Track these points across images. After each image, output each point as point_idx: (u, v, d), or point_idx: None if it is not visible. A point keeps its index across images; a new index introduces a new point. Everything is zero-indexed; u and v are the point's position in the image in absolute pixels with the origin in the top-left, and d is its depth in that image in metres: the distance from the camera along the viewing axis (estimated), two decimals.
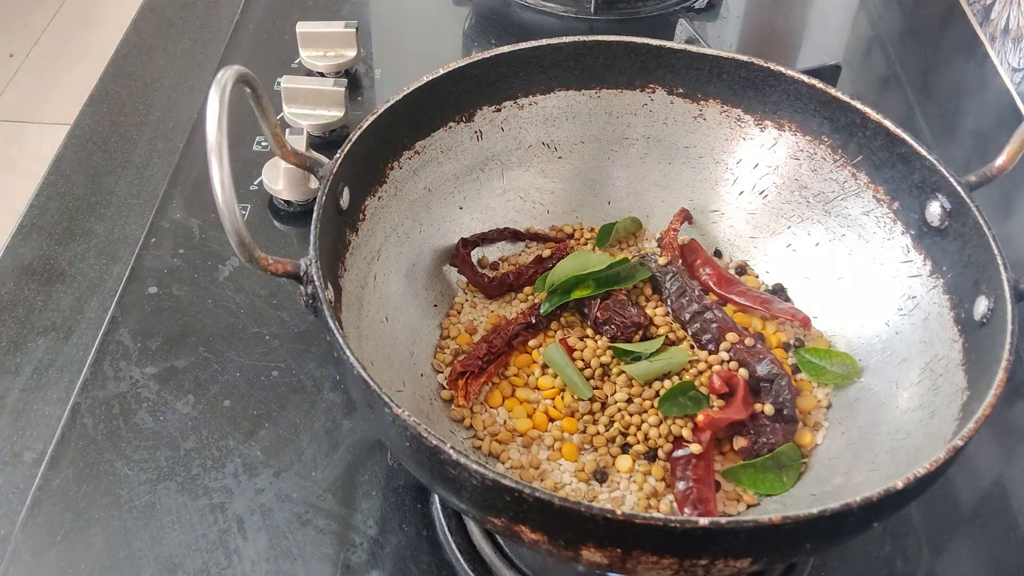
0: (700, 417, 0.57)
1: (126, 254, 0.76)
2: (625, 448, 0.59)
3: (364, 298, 0.59)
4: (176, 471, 0.62)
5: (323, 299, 0.49)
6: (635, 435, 0.59)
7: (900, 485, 0.44)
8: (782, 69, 0.64)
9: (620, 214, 0.71)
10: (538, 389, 0.62)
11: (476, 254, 0.68)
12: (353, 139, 0.57)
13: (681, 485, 0.56)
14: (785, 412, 0.59)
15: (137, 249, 0.76)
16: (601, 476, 0.58)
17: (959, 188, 0.57)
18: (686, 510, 0.55)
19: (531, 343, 0.64)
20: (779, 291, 0.67)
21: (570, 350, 0.62)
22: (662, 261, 0.66)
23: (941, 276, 0.58)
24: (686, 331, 0.64)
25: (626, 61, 0.67)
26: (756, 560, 0.45)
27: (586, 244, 0.70)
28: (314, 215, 0.52)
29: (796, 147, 0.66)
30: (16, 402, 0.66)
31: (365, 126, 0.58)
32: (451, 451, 0.44)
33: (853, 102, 0.62)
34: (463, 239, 0.67)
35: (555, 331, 0.64)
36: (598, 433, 0.59)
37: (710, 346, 0.63)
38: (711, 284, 0.67)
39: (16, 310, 0.72)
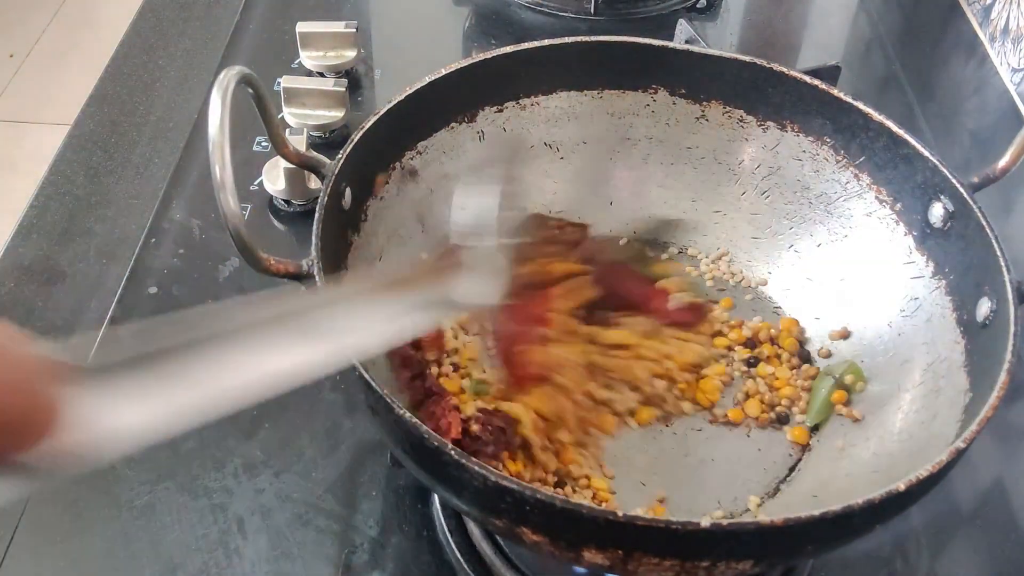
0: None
1: (126, 254, 0.76)
2: None
3: None
4: (176, 471, 0.62)
5: None
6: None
7: (902, 487, 0.44)
8: (785, 70, 0.64)
9: (622, 215, 0.70)
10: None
11: None
12: (355, 139, 0.57)
13: None
14: None
15: (137, 249, 0.76)
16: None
17: (962, 189, 0.57)
18: None
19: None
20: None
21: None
22: None
23: (943, 277, 0.58)
24: None
25: (628, 62, 0.67)
26: (758, 562, 0.45)
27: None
28: (316, 215, 0.52)
29: (798, 148, 0.66)
30: None
31: (367, 126, 0.58)
32: (452, 452, 0.44)
33: (856, 103, 0.62)
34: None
35: None
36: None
37: None
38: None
39: (16, 310, 0.72)
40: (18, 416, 0.20)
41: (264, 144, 0.84)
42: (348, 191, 0.57)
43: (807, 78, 0.64)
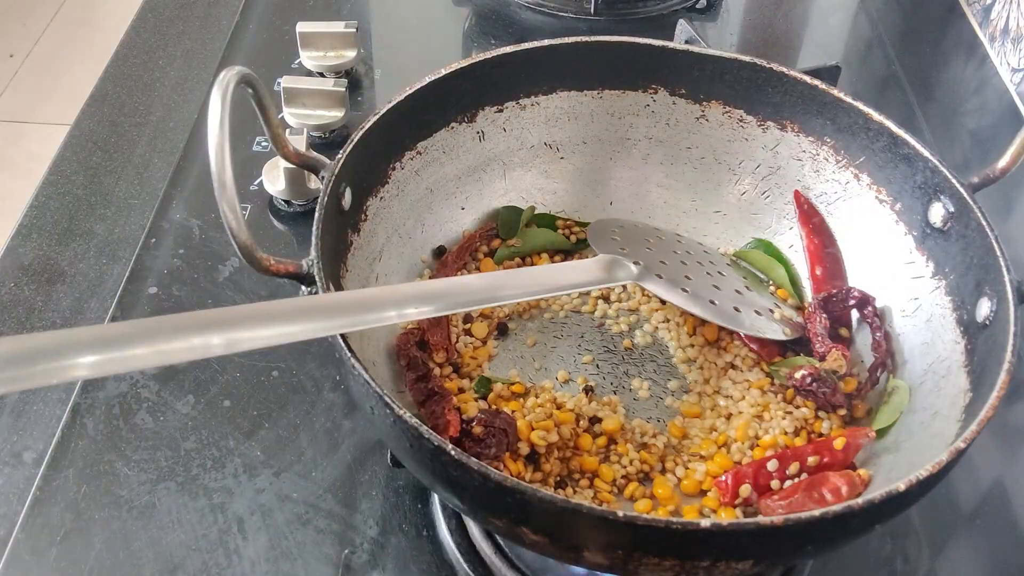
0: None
1: (126, 254, 0.76)
2: None
3: None
4: (176, 471, 0.62)
5: None
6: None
7: (902, 487, 0.44)
8: (785, 70, 0.64)
9: (622, 215, 0.71)
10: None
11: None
12: (355, 139, 0.57)
13: None
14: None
15: (137, 249, 0.76)
16: None
17: (962, 190, 0.57)
18: None
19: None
20: None
21: None
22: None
23: (944, 278, 0.58)
24: None
25: (628, 62, 0.67)
26: (758, 562, 0.45)
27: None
28: (316, 215, 0.52)
29: (798, 148, 0.66)
30: (16, 402, 0.66)
31: (367, 126, 0.58)
32: (452, 452, 0.44)
33: (856, 103, 0.62)
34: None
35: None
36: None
37: None
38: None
39: (16, 310, 0.72)
40: None
41: (264, 144, 0.84)
42: (348, 191, 0.57)
43: (807, 78, 0.64)
